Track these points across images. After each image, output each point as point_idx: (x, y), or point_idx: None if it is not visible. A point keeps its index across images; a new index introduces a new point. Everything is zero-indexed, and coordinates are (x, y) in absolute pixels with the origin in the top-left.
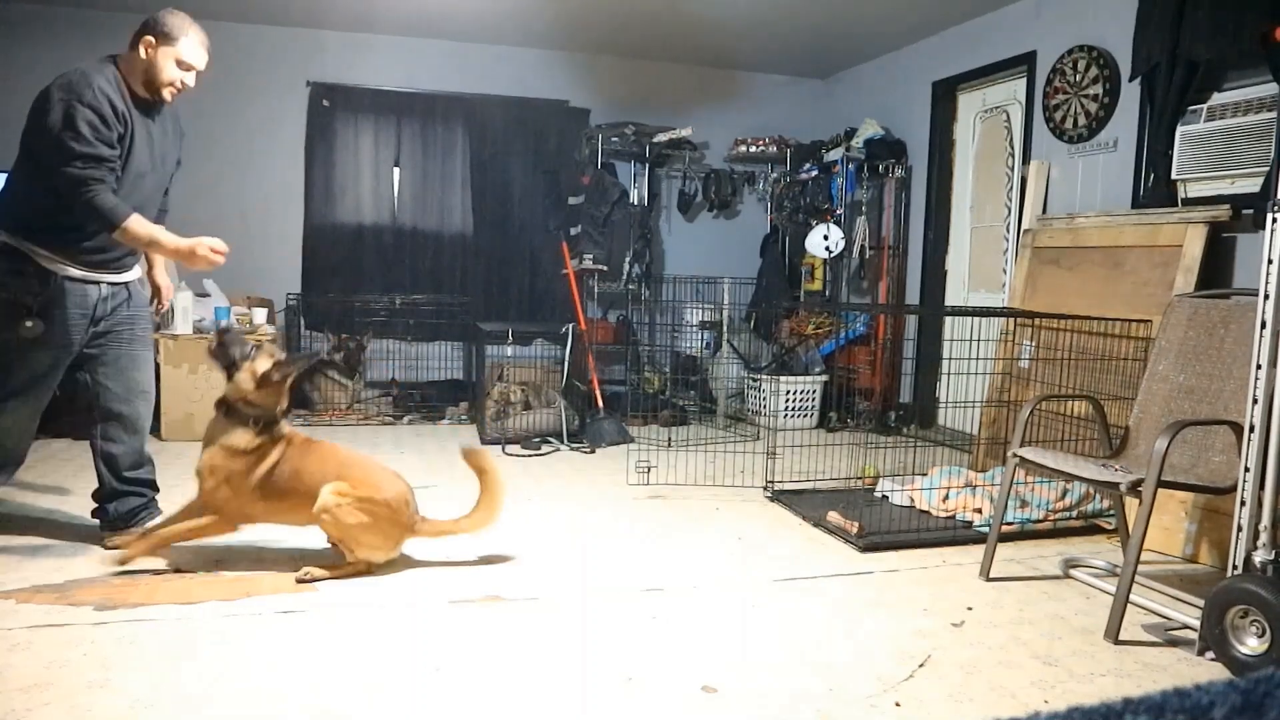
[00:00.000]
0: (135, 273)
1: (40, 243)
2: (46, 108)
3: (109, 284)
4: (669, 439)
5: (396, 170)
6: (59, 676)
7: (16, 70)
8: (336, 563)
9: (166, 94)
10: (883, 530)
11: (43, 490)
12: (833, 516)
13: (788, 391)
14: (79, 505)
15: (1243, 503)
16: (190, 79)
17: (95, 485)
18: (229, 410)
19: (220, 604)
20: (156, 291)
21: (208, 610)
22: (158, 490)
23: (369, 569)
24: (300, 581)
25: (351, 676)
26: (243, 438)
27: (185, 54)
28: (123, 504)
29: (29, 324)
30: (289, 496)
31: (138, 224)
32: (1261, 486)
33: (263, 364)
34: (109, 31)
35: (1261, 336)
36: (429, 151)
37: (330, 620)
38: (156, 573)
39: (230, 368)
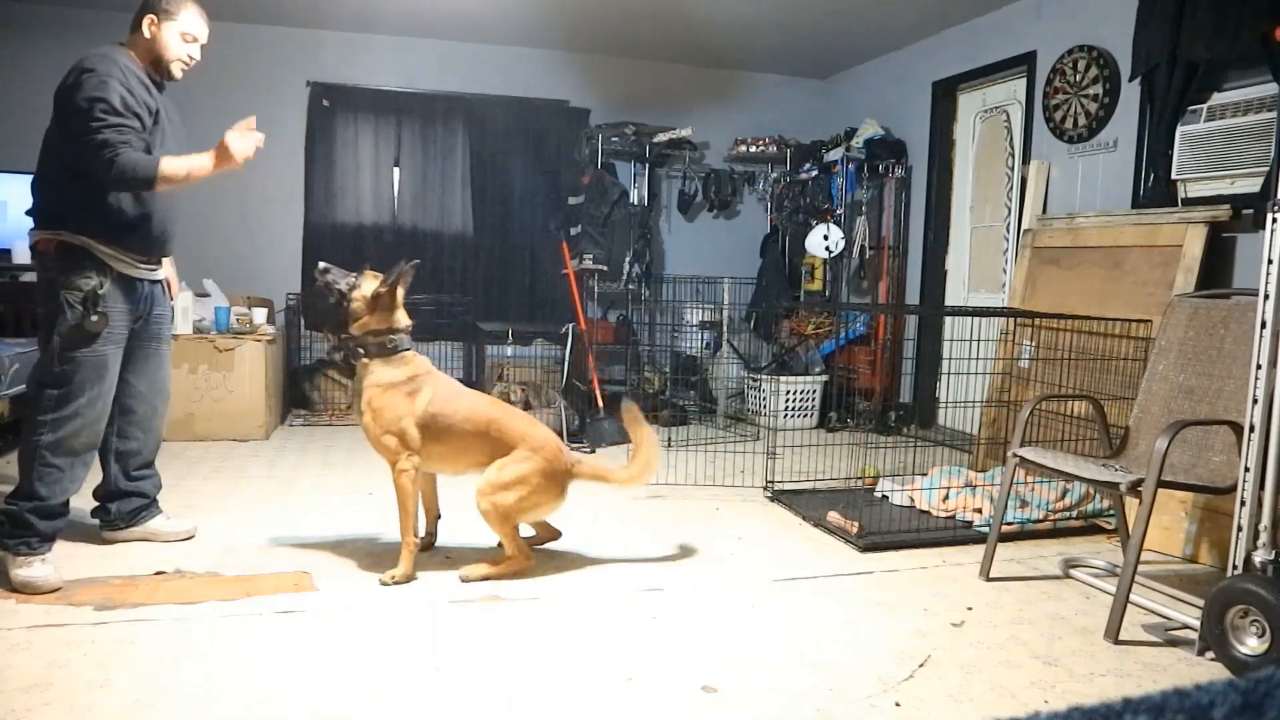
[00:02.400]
0: (164, 271)
1: (99, 237)
2: (77, 84)
3: (149, 281)
4: (669, 439)
5: (396, 170)
6: (59, 676)
7: (16, 70)
8: (494, 561)
9: (176, 70)
10: (883, 530)
11: None
12: (833, 516)
13: (788, 391)
14: (79, 505)
15: (1243, 503)
16: (196, 51)
17: (97, 483)
18: (364, 348)
19: (220, 604)
20: (165, 287)
21: (208, 610)
22: (160, 488)
23: (523, 569)
24: (464, 581)
25: (351, 676)
26: (387, 371)
27: (187, 26)
28: (126, 504)
29: (94, 318)
30: (447, 441)
31: (170, 164)
32: (1261, 486)
33: (370, 285)
34: (109, 32)
35: (1261, 336)
36: (429, 151)
37: (330, 620)
38: (157, 573)
39: (342, 301)
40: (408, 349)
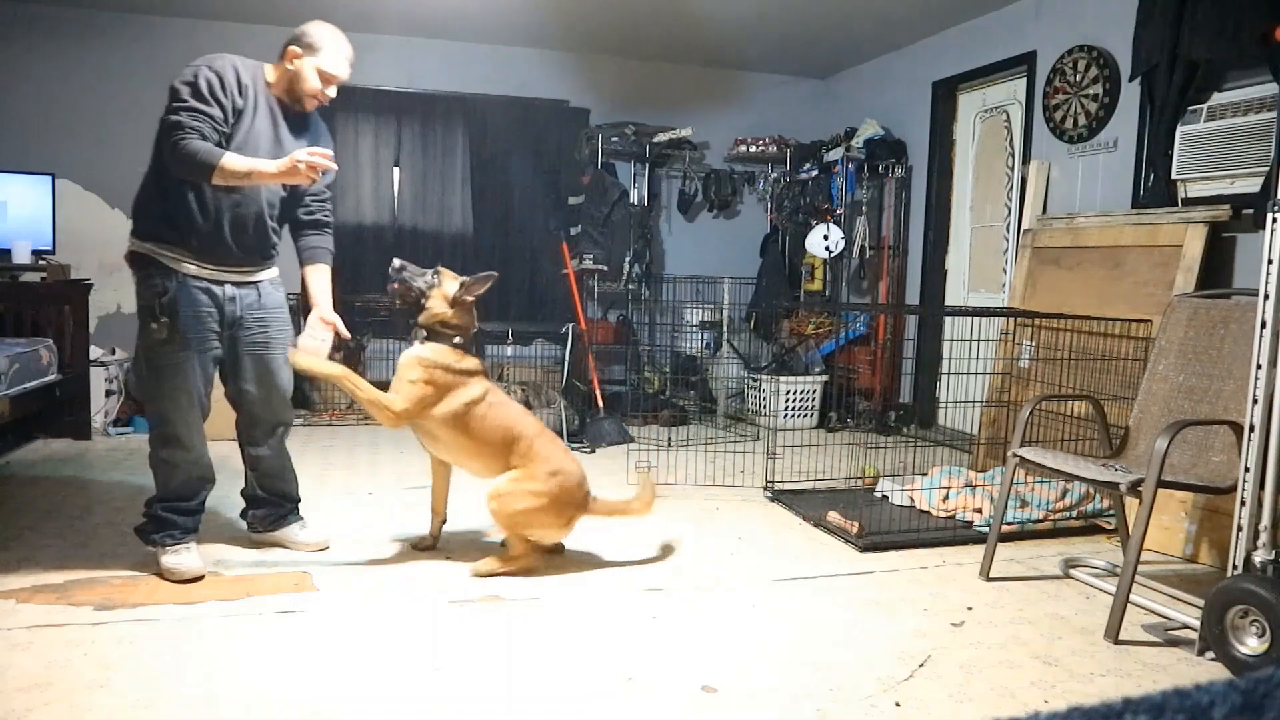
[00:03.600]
0: (267, 274)
1: (163, 242)
2: (180, 75)
3: (234, 283)
4: (669, 439)
5: (396, 170)
6: (59, 676)
7: (16, 70)
8: (504, 557)
9: (308, 104)
10: (883, 530)
11: (43, 490)
12: (833, 516)
13: (788, 391)
14: (79, 505)
15: (1243, 503)
16: (332, 91)
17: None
18: (430, 334)
19: (220, 604)
20: (330, 325)
21: (208, 610)
22: (299, 500)
23: (532, 567)
24: (474, 576)
25: (351, 676)
26: (446, 354)
27: (327, 65)
28: (261, 509)
29: (154, 326)
30: (475, 439)
31: (233, 160)
32: (1261, 486)
33: (450, 286)
34: (109, 32)
35: (1261, 336)
36: (429, 151)
37: (330, 620)
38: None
39: (420, 299)
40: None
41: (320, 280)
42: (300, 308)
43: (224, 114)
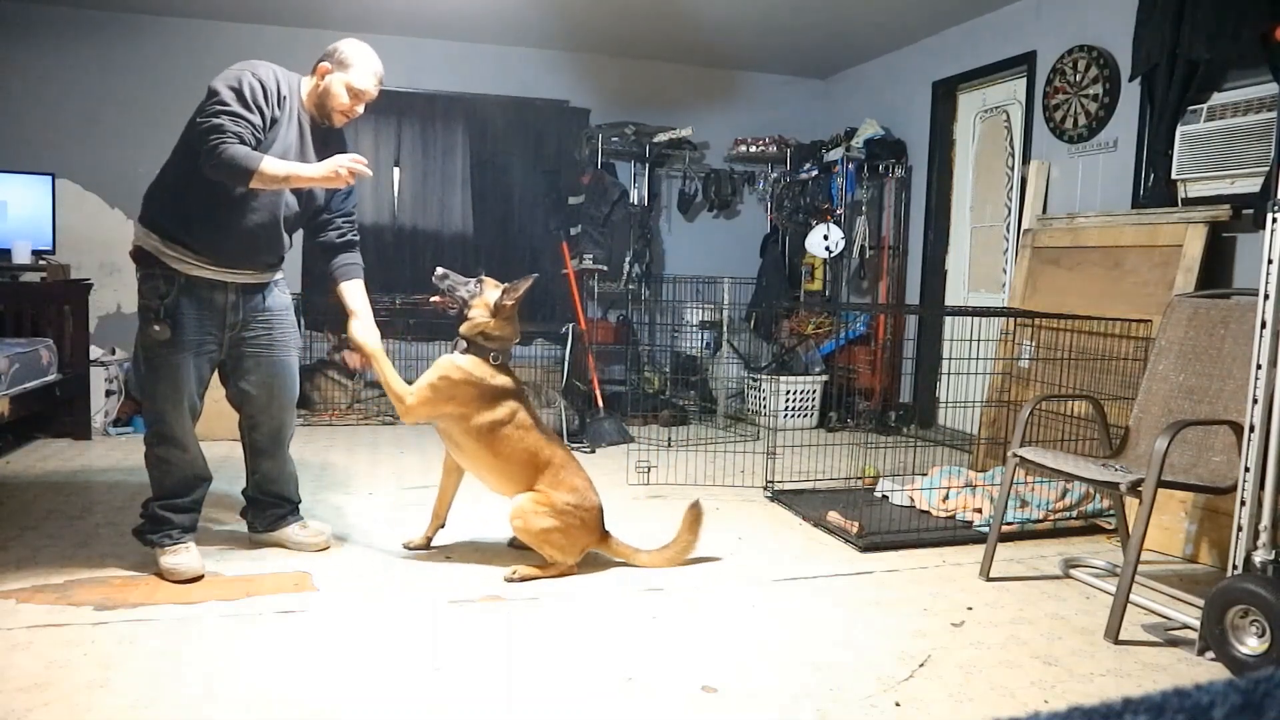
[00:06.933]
0: (273, 275)
1: (169, 240)
2: (219, 75)
3: (238, 285)
4: (669, 439)
5: (396, 170)
6: (59, 676)
7: (16, 70)
8: (541, 564)
9: (336, 119)
10: (883, 530)
11: (44, 490)
12: (833, 516)
13: (788, 391)
14: (79, 505)
15: (1243, 503)
16: (360, 108)
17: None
18: (470, 346)
19: (220, 604)
20: (358, 349)
21: (208, 610)
22: (299, 501)
23: (571, 570)
24: (509, 580)
25: (351, 676)
26: (480, 367)
27: (356, 80)
28: (260, 509)
29: (156, 328)
30: (498, 457)
31: (272, 165)
32: (1261, 486)
33: (492, 294)
34: (108, 32)
35: (1261, 336)
36: (429, 151)
37: (330, 620)
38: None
39: (463, 307)
40: (508, 365)
41: (358, 294)
42: (300, 307)
43: (262, 122)
